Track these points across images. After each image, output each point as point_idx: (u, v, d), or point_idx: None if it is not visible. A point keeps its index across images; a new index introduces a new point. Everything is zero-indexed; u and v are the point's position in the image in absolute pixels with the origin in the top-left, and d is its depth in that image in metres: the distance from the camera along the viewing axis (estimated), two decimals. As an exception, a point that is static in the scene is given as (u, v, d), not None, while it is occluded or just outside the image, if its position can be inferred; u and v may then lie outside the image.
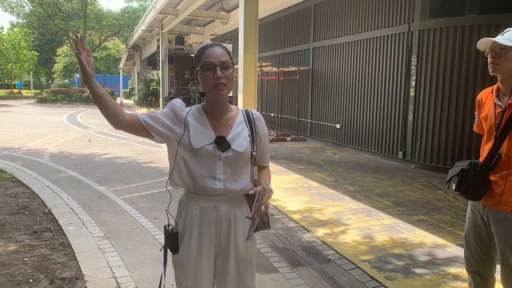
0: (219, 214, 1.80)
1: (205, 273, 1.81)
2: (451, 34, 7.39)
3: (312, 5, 11.55)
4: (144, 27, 18.07)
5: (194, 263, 1.80)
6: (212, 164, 1.78)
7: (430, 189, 6.38)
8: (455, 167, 2.30)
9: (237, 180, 1.81)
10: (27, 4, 39.02)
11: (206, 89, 1.77)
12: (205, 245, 1.80)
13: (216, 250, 1.84)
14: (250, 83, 8.07)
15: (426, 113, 7.83)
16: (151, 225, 4.60)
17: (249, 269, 1.89)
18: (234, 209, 1.82)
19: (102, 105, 1.68)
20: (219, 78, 1.72)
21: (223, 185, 1.78)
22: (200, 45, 1.84)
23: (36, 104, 29.31)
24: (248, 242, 1.85)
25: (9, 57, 36.34)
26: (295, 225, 4.65)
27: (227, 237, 1.82)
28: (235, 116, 1.87)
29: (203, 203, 1.80)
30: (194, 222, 1.81)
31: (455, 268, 3.59)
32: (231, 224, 1.82)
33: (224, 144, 1.77)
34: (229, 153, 1.78)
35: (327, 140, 11.18)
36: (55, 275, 3.36)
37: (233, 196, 1.82)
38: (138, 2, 43.75)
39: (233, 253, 1.82)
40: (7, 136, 11.90)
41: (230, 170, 1.79)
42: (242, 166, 1.83)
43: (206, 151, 1.77)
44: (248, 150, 1.83)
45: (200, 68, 1.75)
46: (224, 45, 1.81)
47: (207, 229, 1.80)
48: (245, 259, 1.85)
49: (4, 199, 5.48)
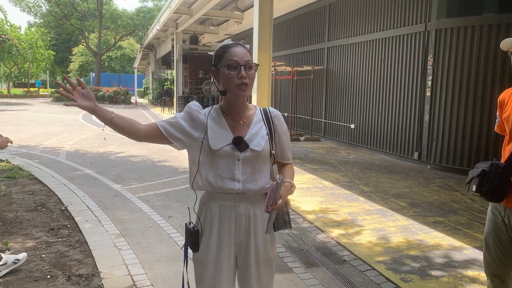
0: (238, 213, 1.80)
1: (225, 270, 1.82)
2: (469, 34, 7.28)
3: (327, 4, 11.50)
4: (159, 26, 18.19)
5: (214, 261, 1.81)
6: (231, 165, 1.78)
7: (446, 190, 6.30)
8: (475, 168, 2.26)
9: (256, 179, 1.80)
10: (44, 4, 39.56)
11: (229, 88, 1.76)
12: (224, 243, 1.81)
13: (236, 249, 1.84)
14: (264, 83, 8.07)
15: (443, 113, 7.73)
16: (166, 224, 4.62)
17: (268, 269, 1.89)
18: (254, 208, 1.83)
19: (115, 127, 1.71)
20: (243, 77, 1.72)
21: (242, 185, 1.78)
22: (221, 43, 1.84)
23: (53, 103, 29.71)
24: (268, 243, 1.85)
25: (27, 56, 36.85)
26: (310, 226, 4.64)
27: (247, 236, 1.83)
28: (253, 115, 1.87)
29: (223, 201, 1.81)
30: (214, 220, 1.81)
31: (472, 271, 3.54)
32: (250, 222, 1.82)
33: (242, 144, 1.77)
34: (247, 153, 1.78)
35: (341, 140, 11.12)
36: (72, 271, 3.40)
37: (252, 195, 1.82)
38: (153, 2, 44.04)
39: (253, 252, 1.83)
40: (24, 134, 12.09)
41: (249, 170, 1.79)
42: (261, 165, 1.82)
43: (225, 152, 1.77)
44: (267, 149, 1.82)
45: (223, 67, 1.74)
46: (246, 45, 1.81)
47: (227, 227, 1.81)
48: (265, 259, 1.86)
49: (22, 196, 5.57)
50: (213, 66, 1.81)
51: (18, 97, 36.56)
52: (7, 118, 16.77)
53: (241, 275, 1.88)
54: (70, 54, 48.73)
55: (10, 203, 5.24)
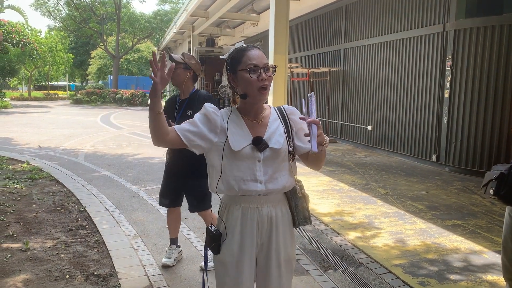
0: (260, 214, 1.81)
1: (246, 272, 1.83)
2: (489, 34, 7.16)
3: (344, 6, 11.44)
4: (176, 29, 18.36)
5: (236, 262, 1.82)
6: (252, 166, 1.78)
7: (465, 193, 6.20)
8: (492, 171, 2.22)
9: (277, 178, 1.81)
10: (63, 8, 40.25)
11: (249, 92, 1.77)
12: (247, 244, 1.82)
13: (258, 250, 1.85)
14: (280, 85, 8.06)
15: (462, 115, 7.62)
16: (182, 225, 4.63)
17: (289, 270, 1.90)
18: (275, 209, 1.84)
19: (157, 121, 1.72)
20: (264, 80, 1.74)
21: (265, 186, 1.79)
22: (234, 47, 1.84)
23: (71, 105, 30.19)
24: (288, 242, 1.87)
25: (47, 59, 37.58)
26: (326, 228, 4.62)
27: (269, 237, 1.84)
28: (269, 115, 1.88)
29: (245, 203, 1.81)
30: (236, 223, 1.82)
31: (492, 275, 3.47)
32: (272, 224, 1.83)
33: (261, 144, 1.77)
34: (267, 153, 1.78)
35: (358, 142, 11.03)
36: (90, 271, 3.45)
37: (274, 196, 1.83)
38: (170, 5, 44.45)
39: (274, 253, 1.84)
40: (44, 136, 12.31)
41: (270, 170, 1.80)
42: (281, 163, 1.82)
43: (245, 154, 1.78)
44: (285, 146, 1.83)
45: (243, 70, 1.75)
46: (261, 48, 1.82)
47: (249, 229, 1.81)
48: (285, 260, 1.87)
49: (42, 197, 5.67)
50: (229, 70, 1.81)
51: (38, 99, 37.26)
52: (28, 121, 17.11)
53: (261, 277, 1.88)
54: (88, 57, 49.44)
55: (30, 204, 5.34)
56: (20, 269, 3.46)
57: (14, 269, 3.46)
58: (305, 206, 1.90)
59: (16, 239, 4.12)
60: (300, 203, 1.90)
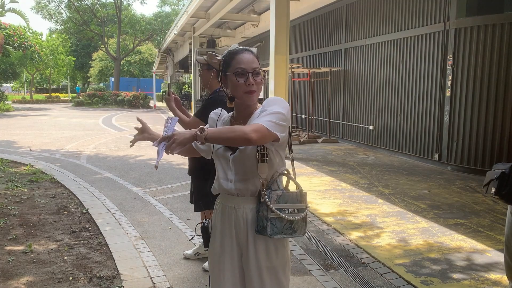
0: (236, 215, 1.80)
1: (228, 271, 1.82)
2: (490, 33, 7.16)
3: (344, 6, 11.44)
4: (177, 31, 18.36)
5: (218, 261, 1.85)
6: (225, 165, 1.83)
7: (467, 192, 6.20)
8: (494, 170, 2.22)
9: (248, 179, 1.77)
10: (64, 11, 40.32)
11: (237, 95, 1.77)
12: (226, 243, 1.83)
13: (240, 250, 1.82)
14: (281, 85, 8.07)
15: (463, 113, 7.61)
16: (185, 226, 4.66)
17: (273, 279, 1.79)
18: (252, 212, 1.78)
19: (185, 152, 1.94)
20: (251, 85, 1.74)
21: (234, 185, 1.79)
22: (229, 48, 1.85)
23: (73, 108, 30.26)
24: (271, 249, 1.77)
25: (48, 62, 37.68)
26: (328, 228, 4.62)
27: (246, 240, 1.78)
28: (253, 114, 1.81)
29: (225, 202, 1.85)
30: (217, 220, 1.87)
31: (495, 274, 3.47)
32: (248, 227, 1.78)
33: None
34: (236, 153, 1.77)
35: (359, 142, 11.03)
36: (93, 273, 3.46)
37: (249, 198, 1.79)
38: (171, 6, 44.48)
39: (253, 259, 1.77)
40: (46, 138, 12.34)
41: (241, 170, 1.77)
42: (252, 165, 1.75)
43: (220, 153, 1.83)
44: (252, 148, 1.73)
45: (231, 74, 1.76)
46: (253, 50, 1.81)
47: (228, 228, 1.83)
48: (268, 267, 1.77)
49: (44, 200, 5.69)
50: (221, 72, 1.82)
51: (40, 102, 37.39)
52: (30, 123, 17.15)
53: (247, 281, 1.82)
54: (90, 60, 49.57)
55: (33, 206, 5.36)
56: (23, 271, 3.47)
57: (18, 271, 3.47)
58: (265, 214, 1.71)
59: (19, 242, 4.13)
60: (262, 210, 1.73)
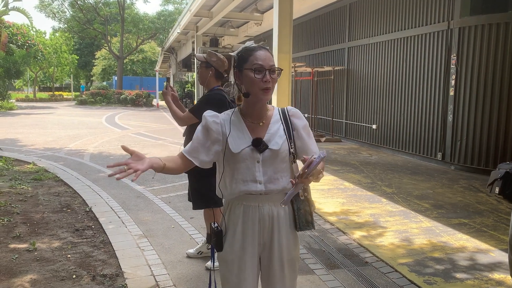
0: (262, 213, 1.82)
1: (249, 270, 1.83)
2: (494, 32, 7.13)
3: (347, 4, 11.42)
4: (180, 29, 18.36)
5: (238, 260, 1.83)
6: (252, 167, 1.79)
7: (471, 191, 6.18)
8: (498, 170, 2.22)
9: (278, 179, 1.81)
10: (68, 10, 40.44)
11: (252, 91, 1.77)
12: (248, 243, 1.82)
13: (260, 249, 1.86)
14: (284, 84, 8.05)
15: (467, 113, 7.59)
16: (188, 225, 4.67)
17: (292, 270, 1.89)
18: (277, 208, 1.83)
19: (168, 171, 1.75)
20: (267, 81, 1.75)
21: (265, 187, 1.79)
22: (244, 45, 1.84)
23: (76, 106, 30.33)
24: (291, 243, 1.86)
25: (51, 60, 37.79)
26: (331, 227, 4.61)
27: (271, 236, 1.84)
28: (271, 116, 1.88)
29: (246, 202, 1.82)
30: (238, 221, 1.84)
31: (498, 274, 3.46)
32: (274, 223, 1.83)
33: (261, 145, 1.78)
34: (266, 153, 1.79)
35: (362, 141, 11.01)
36: (97, 271, 3.47)
37: (275, 196, 1.83)
38: (174, 5, 44.52)
39: (277, 253, 1.84)
40: (49, 137, 12.37)
41: (270, 171, 1.80)
42: (281, 164, 1.82)
43: (245, 155, 1.79)
44: (285, 148, 1.82)
45: (248, 69, 1.76)
46: (269, 49, 1.82)
47: (251, 228, 1.82)
48: (288, 259, 1.86)
49: (48, 198, 5.70)
50: (236, 67, 1.82)
51: (43, 100, 37.48)
52: (34, 122, 17.20)
53: (265, 276, 1.89)
54: (93, 58, 49.65)
55: (36, 205, 5.37)
56: (27, 269, 3.48)
57: (21, 269, 3.48)
58: (308, 210, 1.86)
59: (23, 240, 4.15)
60: (303, 207, 1.86)
